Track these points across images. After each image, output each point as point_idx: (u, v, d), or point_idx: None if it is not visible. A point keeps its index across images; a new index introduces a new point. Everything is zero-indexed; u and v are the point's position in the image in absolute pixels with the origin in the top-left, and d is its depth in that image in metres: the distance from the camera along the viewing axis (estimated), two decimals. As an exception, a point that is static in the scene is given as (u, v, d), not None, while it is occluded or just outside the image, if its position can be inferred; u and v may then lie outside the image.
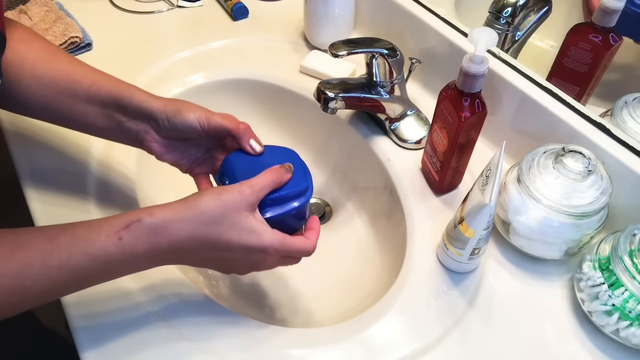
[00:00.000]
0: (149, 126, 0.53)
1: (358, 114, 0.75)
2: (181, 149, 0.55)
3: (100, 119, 0.54)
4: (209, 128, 0.52)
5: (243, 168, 0.50)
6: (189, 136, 0.54)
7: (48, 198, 0.62)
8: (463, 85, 0.55)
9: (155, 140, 0.54)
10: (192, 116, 0.52)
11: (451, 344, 0.52)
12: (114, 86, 0.54)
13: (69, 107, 0.54)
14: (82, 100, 0.53)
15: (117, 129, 0.54)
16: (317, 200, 0.79)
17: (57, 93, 0.53)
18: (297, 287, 0.68)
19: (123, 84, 0.54)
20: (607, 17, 0.61)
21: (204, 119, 0.52)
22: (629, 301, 0.49)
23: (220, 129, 0.52)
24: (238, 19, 0.90)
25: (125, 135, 0.54)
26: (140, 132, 0.54)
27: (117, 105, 0.53)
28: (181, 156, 0.56)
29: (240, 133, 0.52)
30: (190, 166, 0.57)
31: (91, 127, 0.55)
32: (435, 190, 0.65)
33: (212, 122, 0.52)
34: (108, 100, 0.53)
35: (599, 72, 0.65)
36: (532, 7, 0.73)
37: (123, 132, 0.54)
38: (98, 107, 0.53)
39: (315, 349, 0.52)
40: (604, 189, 0.53)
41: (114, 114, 0.53)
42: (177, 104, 0.53)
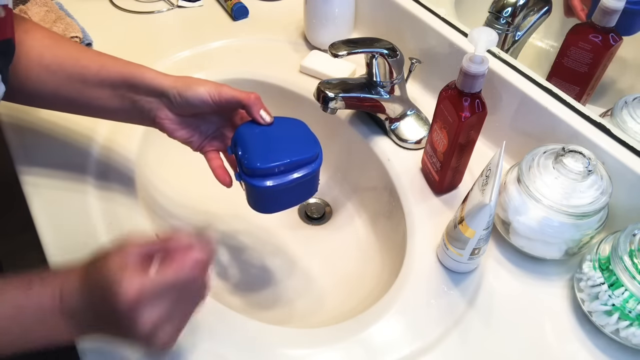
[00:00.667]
0: (161, 103, 0.54)
1: (358, 114, 0.75)
2: (192, 125, 0.56)
3: (112, 101, 0.55)
4: (220, 100, 0.53)
5: (254, 138, 0.52)
6: (200, 111, 0.54)
7: (48, 197, 0.62)
8: (463, 85, 0.55)
9: (167, 117, 0.55)
10: (203, 89, 0.53)
11: (451, 344, 0.52)
12: (123, 67, 0.55)
13: (80, 92, 0.55)
14: (92, 84, 0.54)
15: (129, 109, 0.55)
16: (317, 201, 0.79)
17: (67, 79, 0.54)
18: (297, 287, 0.68)
19: (132, 65, 0.55)
20: (607, 17, 0.61)
21: (215, 91, 0.53)
22: (629, 301, 0.49)
23: (231, 100, 0.53)
24: (238, 19, 0.90)
25: (137, 114, 0.55)
26: (152, 109, 0.54)
27: (128, 85, 0.54)
28: (192, 133, 0.56)
29: (251, 102, 0.52)
30: (200, 143, 0.57)
31: (103, 110, 0.56)
32: (435, 190, 0.65)
33: (223, 93, 0.53)
34: (119, 81, 0.54)
35: (599, 72, 0.65)
36: (532, 7, 0.73)
37: (135, 111, 0.55)
38: (109, 89, 0.54)
39: (315, 349, 0.52)
40: (604, 189, 0.53)
41: (126, 94, 0.54)
42: (188, 79, 0.54)
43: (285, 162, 0.50)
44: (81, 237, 0.59)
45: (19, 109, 0.71)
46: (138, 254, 0.41)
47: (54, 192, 0.63)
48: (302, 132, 0.53)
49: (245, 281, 0.68)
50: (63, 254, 0.57)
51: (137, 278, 0.39)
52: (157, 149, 0.74)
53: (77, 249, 0.58)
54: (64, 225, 0.60)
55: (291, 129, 0.53)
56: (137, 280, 0.39)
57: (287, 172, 0.50)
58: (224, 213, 0.76)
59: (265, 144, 0.51)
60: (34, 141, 0.68)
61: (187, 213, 0.73)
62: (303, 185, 0.52)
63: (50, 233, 0.59)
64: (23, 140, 0.68)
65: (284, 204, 0.54)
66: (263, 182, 0.50)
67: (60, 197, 0.63)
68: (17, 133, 0.69)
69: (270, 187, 0.50)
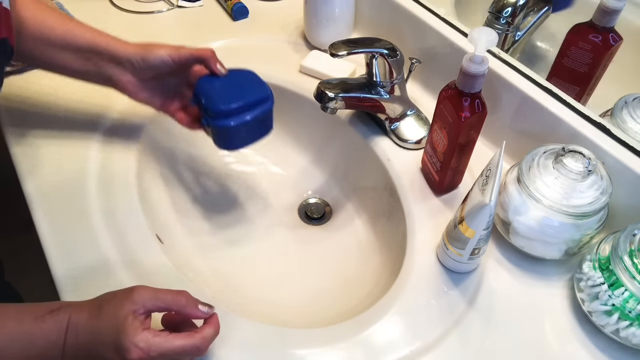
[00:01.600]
0: (124, 69, 0.59)
1: (358, 114, 0.75)
2: (153, 87, 0.61)
3: (75, 63, 0.59)
4: (180, 59, 0.58)
5: (213, 87, 0.59)
6: (161, 72, 0.59)
7: (48, 196, 0.62)
8: (463, 85, 0.55)
9: (130, 81, 0.60)
10: (163, 51, 0.58)
11: (451, 344, 0.52)
12: (89, 33, 0.59)
13: (44, 53, 0.58)
14: (58, 47, 0.58)
15: (92, 72, 0.60)
16: (317, 200, 0.79)
17: (31, 39, 0.57)
18: (297, 287, 0.68)
19: (97, 32, 0.59)
20: (607, 17, 0.61)
21: (174, 52, 0.58)
22: (629, 301, 0.49)
23: (189, 57, 0.59)
24: (238, 19, 0.90)
25: (100, 78, 0.60)
26: (115, 74, 0.59)
27: (93, 52, 0.58)
28: (152, 94, 0.61)
29: (209, 56, 0.58)
30: (162, 103, 0.62)
31: (66, 70, 0.61)
32: (435, 190, 0.65)
33: (181, 53, 0.58)
34: (85, 47, 0.58)
35: (599, 72, 0.65)
36: (532, 7, 0.73)
37: (98, 75, 0.60)
38: (73, 52, 0.58)
39: (315, 349, 0.52)
40: (604, 189, 0.53)
41: (90, 59, 0.58)
42: (149, 45, 0.59)
43: (243, 103, 0.58)
44: (81, 235, 0.59)
45: (19, 110, 0.71)
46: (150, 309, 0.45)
47: (53, 192, 0.63)
48: (253, 78, 0.61)
49: (245, 281, 0.68)
50: (63, 253, 0.57)
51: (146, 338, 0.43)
52: (158, 151, 0.74)
53: (76, 247, 0.58)
54: (64, 225, 0.60)
55: (244, 77, 0.61)
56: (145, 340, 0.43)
57: (246, 111, 0.58)
58: (225, 215, 0.76)
59: (224, 91, 0.58)
60: (34, 141, 0.68)
61: (188, 216, 0.73)
62: (260, 123, 0.61)
63: (50, 233, 0.59)
64: (23, 140, 0.68)
65: (246, 140, 0.62)
66: (227, 122, 0.58)
67: (60, 196, 0.63)
68: (17, 133, 0.69)
69: (234, 126, 0.58)
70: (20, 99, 0.73)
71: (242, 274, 0.69)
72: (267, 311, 0.63)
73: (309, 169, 0.81)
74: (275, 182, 0.81)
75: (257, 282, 0.69)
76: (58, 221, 0.60)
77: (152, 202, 0.68)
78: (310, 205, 0.78)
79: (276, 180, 0.81)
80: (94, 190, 0.63)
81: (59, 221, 0.60)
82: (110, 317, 0.44)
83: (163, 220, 0.68)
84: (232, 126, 0.58)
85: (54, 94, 0.74)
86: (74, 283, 0.55)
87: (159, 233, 0.63)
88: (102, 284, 0.53)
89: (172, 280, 0.56)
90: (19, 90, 0.74)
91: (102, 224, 0.60)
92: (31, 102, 0.73)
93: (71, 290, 0.54)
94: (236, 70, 0.61)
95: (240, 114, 0.58)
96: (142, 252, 0.58)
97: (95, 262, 0.57)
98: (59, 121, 0.71)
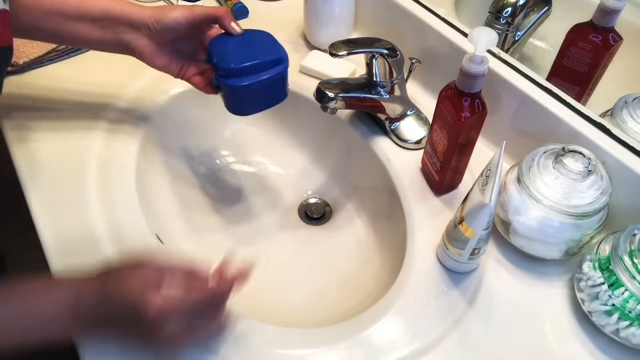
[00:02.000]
0: (140, 33, 0.59)
1: (358, 114, 0.75)
2: (169, 52, 0.61)
3: (92, 33, 0.59)
4: (194, 18, 0.58)
5: (226, 46, 0.58)
6: (177, 34, 0.59)
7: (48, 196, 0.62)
8: (463, 85, 0.55)
9: (147, 46, 0.59)
10: (178, 12, 0.58)
11: (451, 344, 0.52)
12: (103, 2, 0.59)
13: (59, 26, 0.58)
14: (73, 18, 0.58)
15: (110, 40, 0.59)
16: (317, 200, 0.79)
17: (45, 14, 0.58)
18: (297, 287, 0.68)
19: (110, 0, 0.59)
20: (607, 17, 0.61)
21: (189, 12, 0.58)
22: (629, 301, 0.49)
23: (203, 16, 0.58)
24: (238, 19, 0.90)
25: (118, 45, 0.60)
26: (132, 39, 0.59)
27: (109, 19, 0.58)
28: (170, 59, 0.61)
29: (223, 14, 0.58)
30: (180, 70, 0.62)
31: (84, 41, 0.61)
32: (435, 190, 0.65)
33: (195, 12, 0.58)
34: (99, 16, 0.58)
35: (599, 72, 0.65)
36: (532, 7, 0.73)
37: (116, 42, 0.59)
38: (89, 23, 0.58)
39: (315, 349, 0.52)
40: (604, 189, 0.53)
41: (106, 27, 0.59)
42: (163, 8, 0.59)
43: (255, 62, 0.56)
44: (81, 235, 0.59)
45: (20, 111, 0.71)
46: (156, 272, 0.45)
47: (53, 192, 0.63)
48: (269, 39, 0.59)
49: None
50: (62, 251, 0.57)
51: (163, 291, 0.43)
52: (157, 153, 0.74)
53: (76, 246, 0.58)
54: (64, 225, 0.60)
55: (259, 37, 0.59)
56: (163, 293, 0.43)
57: (258, 72, 0.56)
58: (224, 215, 0.76)
59: (237, 50, 0.57)
60: (34, 143, 0.68)
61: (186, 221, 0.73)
62: (274, 87, 0.59)
63: (49, 233, 0.59)
64: (24, 141, 0.68)
65: (258, 105, 0.61)
66: (238, 82, 0.56)
67: (60, 196, 0.63)
68: (17, 133, 0.69)
69: (245, 86, 0.56)
70: (20, 98, 0.73)
71: (242, 274, 0.69)
72: (267, 311, 0.63)
73: (309, 169, 0.81)
74: (275, 182, 0.81)
75: (256, 281, 0.68)
76: (58, 222, 0.60)
77: (152, 202, 0.68)
78: (310, 205, 0.78)
79: (276, 180, 0.81)
80: (95, 189, 0.63)
81: (59, 222, 0.60)
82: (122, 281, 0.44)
83: (163, 219, 0.68)
84: (242, 86, 0.56)
85: (54, 92, 0.74)
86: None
87: (158, 233, 0.63)
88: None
89: (172, 280, 0.56)
90: (18, 89, 0.74)
91: (103, 228, 0.60)
92: (31, 100, 0.72)
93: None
94: (252, 31, 0.60)
95: (252, 74, 0.56)
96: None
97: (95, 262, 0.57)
98: (59, 118, 0.71)
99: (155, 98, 0.74)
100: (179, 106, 0.76)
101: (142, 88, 0.75)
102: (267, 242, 0.74)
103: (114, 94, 0.74)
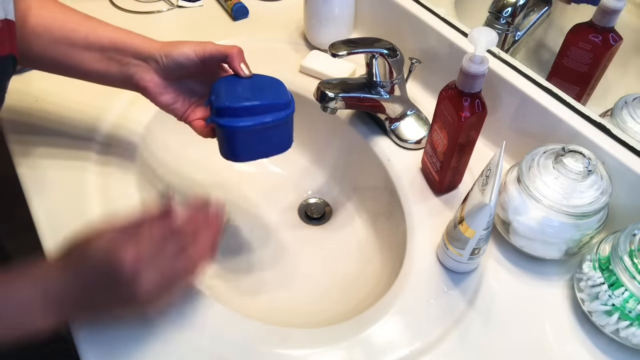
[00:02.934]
0: (147, 66, 0.56)
1: (358, 114, 0.75)
2: (176, 90, 0.57)
3: (99, 64, 0.57)
4: (205, 54, 0.55)
5: (229, 86, 0.53)
6: (186, 72, 0.56)
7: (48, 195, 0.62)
8: (463, 85, 0.55)
9: (153, 81, 0.56)
10: (188, 47, 0.55)
11: (451, 344, 0.52)
12: (112, 32, 0.57)
13: (66, 54, 0.56)
14: (80, 47, 0.56)
15: (115, 72, 0.57)
16: (317, 200, 0.79)
17: (53, 42, 0.56)
18: (297, 287, 0.68)
19: (121, 31, 0.57)
20: (607, 17, 0.61)
21: (199, 47, 0.55)
22: (629, 301, 0.49)
23: (215, 53, 0.55)
24: (238, 19, 0.90)
25: (123, 78, 0.57)
26: (138, 72, 0.56)
27: (116, 50, 0.56)
28: (176, 98, 0.57)
29: (234, 54, 0.54)
30: (185, 111, 0.58)
31: (89, 73, 0.58)
32: (435, 190, 0.65)
33: (207, 48, 0.55)
34: (107, 46, 0.56)
35: (599, 72, 0.65)
36: (532, 7, 0.73)
37: (122, 75, 0.57)
38: (97, 52, 0.56)
39: (315, 349, 0.52)
40: (604, 189, 0.53)
41: (114, 57, 0.56)
42: (174, 42, 0.56)
43: (255, 104, 0.51)
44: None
45: (21, 111, 0.71)
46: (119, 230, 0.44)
47: (54, 192, 0.63)
48: (277, 85, 0.55)
49: (245, 281, 0.68)
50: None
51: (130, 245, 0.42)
52: (157, 155, 0.74)
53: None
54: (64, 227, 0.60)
55: (267, 82, 0.55)
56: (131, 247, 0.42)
57: (258, 115, 0.52)
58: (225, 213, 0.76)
59: (239, 90, 0.52)
60: (34, 143, 0.68)
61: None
62: (276, 134, 0.54)
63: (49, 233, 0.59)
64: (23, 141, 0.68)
65: (256, 152, 0.55)
66: (233, 122, 0.51)
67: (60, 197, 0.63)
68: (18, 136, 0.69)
69: (240, 128, 0.51)
70: (20, 98, 0.73)
71: (242, 274, 0.69)
72: (267, 311, 0.63)
73: (309, 169, 0.81)
74: (275, 182, 0.81)
75: (256, 281, 0.69)
76: (58, 222, 0.60)
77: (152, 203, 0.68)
78: (310, 205, 0.78)
79: (276, 180, 0.81)
80: (95, 190, 0.63)
81: (60, 222, 0.60)
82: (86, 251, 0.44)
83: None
84: (236, 127, 0.51)
85: (54, 95, 0.74)
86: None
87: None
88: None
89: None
90: (18, 89, 0.74)
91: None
92: (32, 100, 0.72)
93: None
94: (262, 76, 0.56)
95: (251, 116, 0.51)
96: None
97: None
98: (60, 119, 0.71)
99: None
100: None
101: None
102: (267, 242, 0.74)
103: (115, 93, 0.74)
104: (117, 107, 0.73)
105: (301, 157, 0.82)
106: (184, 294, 0.50)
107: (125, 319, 0.50)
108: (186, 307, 0.54)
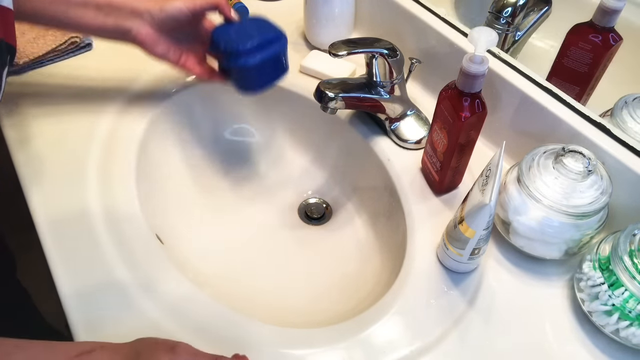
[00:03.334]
0: (142, 21, 0.61)
1: (358, 114, 0.75)
2: (169, 40, 0.64)
3: (95, 20, 0.61)
4: (195, 7, 0.62)
5: (229, 32, 0.63)
6: (178, 23, 0.63)
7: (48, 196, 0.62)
8: (463, 85, 0.55)
9: (148, 34, 0.62)
10: (180, 2, 0.62)
11: (451, 344, 0.52)
12: None
13: (63, 12, 0.60)
14: (76, 4, 0.60)
15: (112, 27, 0.61)
16: (317, 200, 0.79)
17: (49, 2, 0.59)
18: (297, 287, 0.68)
19: None
20: (607, 17, 0.61)
21: (190, 2, 0.62)
22: (629, 301, 0.49)
23: (205, 5, 0.63)
24: (238, 19, 0.90)
25: (119, 32, 0.62)
26: (134, 27, 0.61)
27: (112, 6, 0.61)
28: (169, 48, 0.64)
29: (222, 3, 0.62)
30: (178, 59, 0.65)
31: (86, 28, 0.62)
32: (435, 190, 0.65)
33: (197, 2, 0.62)
34: (103, 3, 0.60)
35: (599, 72, 0.65)
36: (532, 7, 0.73)
37: (117, 29, 0.62)
38: (93, 9, 0.60)
39: (315, 349, 0.52)
40: (604, 189, 0.53)
41: (110, 14, 0.61)
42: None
43: (259, 42, 0.61)
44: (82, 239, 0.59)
45: (20, 110, 0.71)
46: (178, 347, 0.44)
47: (53, 192, 0.63)
48: (265, 22, 0.64)
49: (245, 281, 0.68)
50: (62, 253, 0.57)
51: None
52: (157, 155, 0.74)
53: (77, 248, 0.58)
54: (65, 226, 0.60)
55: (257, 22, 0.64)
56: None
57: (265, 49, 0.62)
58: (224, 215, 0.76)
59: (240, 34, 0.62)
60: (34, 144, 0.68)
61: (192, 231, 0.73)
62: (277, 62, 0.65)
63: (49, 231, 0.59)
64: (24, 142, 0.68)
65: (265, 80, 0.65)
66: (248, 61, 0.61)
67: (60, 198, 0.63)
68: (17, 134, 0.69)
69: (255, 63, 0.61)
70: (20, 97, 0.73)
71: (242, 274, 0.69)
72: (267, 311, 0.63)
73: (309, 169, 0.81)
74: (275, 182, 0.81)
75: (256, 281, 0.69)
76: (58, 222, 0.60)
77: (153, 202, 0.68)
78: (310, 205, 0.78)
79: (276, 180, 0.81)
80: (95, 190, 0.63)
81: (60, 222, 0.60)
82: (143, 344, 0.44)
83: (163, 220, 0.68)
84: (254, 63, 0.61)
85: (54, 92, 0.74)
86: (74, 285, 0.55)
87: (158, 233, 0.63)
88: (103, 284, 0.53)
89: (172, 281, 0.56)
90: (18, 89, 0.74)
91: (105, 234, 0.60)
92: (31, 100, 0.73)
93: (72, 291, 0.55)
94: (249, 17, 0.66)
95: (258, 52, 0.61)
96: (141, 252, 0.58)
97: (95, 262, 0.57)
98: (59, 119, 0.71)
99: (156, 98, 0.74)
100: (177, 108, 0.76)
101: (145, 86, 0.75)
102: (267, 242, 0.74)
103: (114, 93, 0.74)
104: (116, 108, 0.73)
105: (301, 157, 0.82)
106: None
107: None
108: (186, 307, 0.54)
